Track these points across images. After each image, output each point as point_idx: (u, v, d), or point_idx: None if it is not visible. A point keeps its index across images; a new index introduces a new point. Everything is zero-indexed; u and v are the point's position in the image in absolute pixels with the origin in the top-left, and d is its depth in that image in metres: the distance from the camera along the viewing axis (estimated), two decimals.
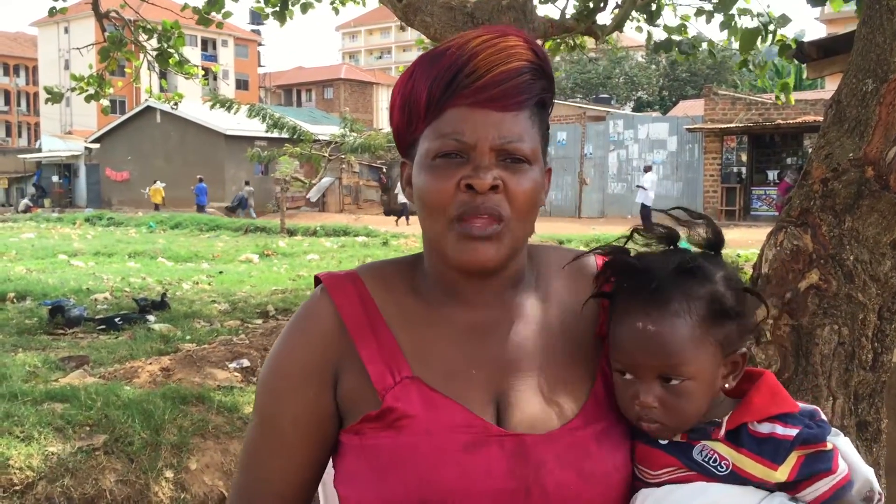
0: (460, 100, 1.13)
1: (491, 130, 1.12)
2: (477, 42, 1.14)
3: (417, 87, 1.17)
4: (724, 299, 1.14)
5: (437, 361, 1.18)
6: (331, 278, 1.26)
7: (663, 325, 1.12)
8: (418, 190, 1.16)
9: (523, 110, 1.15)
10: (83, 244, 18.25)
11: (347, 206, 35.41)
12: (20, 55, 78.59)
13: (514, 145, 1.13)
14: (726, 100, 26.31)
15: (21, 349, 6.24)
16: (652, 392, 1.13)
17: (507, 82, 1.12)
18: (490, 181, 1.11)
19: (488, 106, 1.13)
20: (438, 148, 1.14)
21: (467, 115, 1.13)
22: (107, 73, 9.13)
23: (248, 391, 4.88)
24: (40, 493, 3.55)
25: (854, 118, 2.05)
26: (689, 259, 1.16)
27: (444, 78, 1.14)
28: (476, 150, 1.12)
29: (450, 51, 1.15)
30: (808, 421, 1.13)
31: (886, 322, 2.10)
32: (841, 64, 3.86)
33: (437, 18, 5.16)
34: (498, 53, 1.13)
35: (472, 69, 1.12)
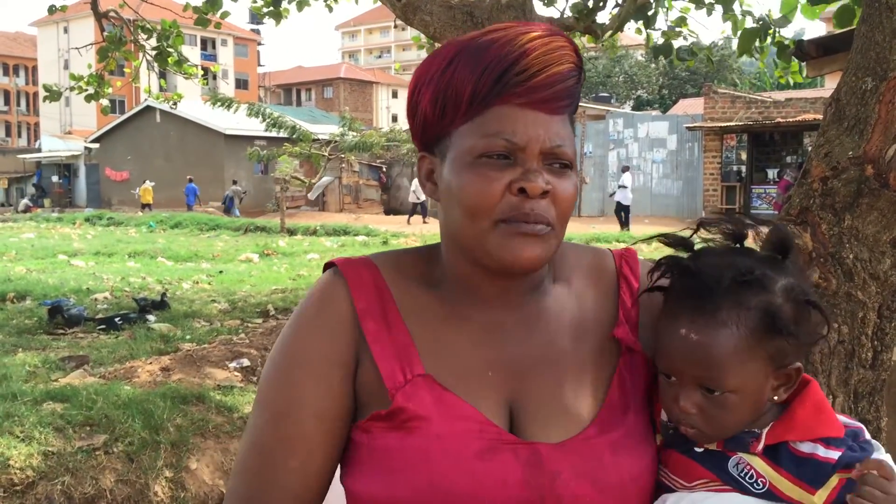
0: (510, 98, 1.08)
1: (541, 133, 1.08)
2: (527, 38, 1.08)
3: (459, 78, 1.10)
4: (780, 311, 1.06)
5: (451, 359, 1.13)
6: (346, 263, 1.20)
7: (707, 335, 1.06)
8: (457, 189, 1.10)
9: (566, 114, 1.13)
10: (83, 244, 18.25)
11: (347, 205, 35.41)
12: (20, 55, 78.58)
13: (562, 149, 1.10)
14: (726, 98, 26.30)
15: (21, 349, 6.24)
16: (691, 399, 1.08)
17: (557, 84, 1.09)
18: (543, 186, 1.07)
19: (539, 107, 1.08)
20: (485, 147, 1.08)
21: (518, 115, 1.08)
22: (106, 73, 9.12)
23: (248, 391, 4.88)
24: (40, 492, 3.55)
25: (853, 116, 2.05)
26: (749, 268, 1.07)
27: (492, 72, 1.08)
28: (526, 153, 1.08)
29: (497, 43, 1.09)
30: (852, 442, 1.08)
31: (886, 320, 2.10)
32: (841, 62, 3.86)
33: (436, 17, 5.15)
34: (551, 53, 1.08)
35: (525, 67, 1.07)
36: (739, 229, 1.14)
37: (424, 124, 1.16)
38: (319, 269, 10.94)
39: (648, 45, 7.70)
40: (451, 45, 1.14)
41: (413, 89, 1.17)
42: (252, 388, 4.97)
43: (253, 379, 5.18)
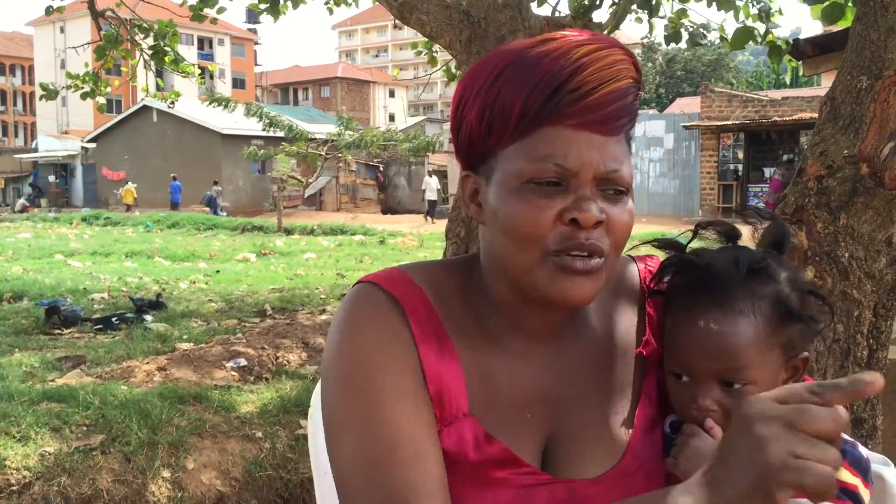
0: (562, 118, 0.99)
1: (595, 156, 0.99)
2: (582, 52, 0.99)
3: (507, 94, 1.01)
4: (790, 300, 1.07)
5: (494, 398, 1.07)
6: (390, 282, 1.09)
7: (727, 324, 1.05)
8: (504, 216, 1.01)
9: (622, 134, 1.03)
10: (80, 244, 18.23)
11: (344, 204, 35.39)
12: (16, 55, 78.45)
13: (618, 174, 1.01)
14: (723, 97, 26.33)
15: (18, 349, 6.23)
16: (710, 395, 1.06)
17: (614, 103, 0.99)
18: (597, 215, 0.98)
19: (593, 128, 0.99)
20: (534, 172, 0.99)
21: (570, 137, 0.99)
22: (102, 72, 9.12)
23: (245, 390, 4.88)
24: (37, 493, 3.54)
25: (849, 115, 2.06)
26: (759, 258, 1.09)
27: (543, 90, 0.99)
28: (578, 179, 0.99)
29: (549, 57, 1.00)
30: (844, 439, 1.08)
31: (882, 319, 2.11)
32: (837, 61, 3.87)
33: (433, 16, 5.15)
34: (608, 69, 0.99)
35: (578, 84, 0.98)
36: (732, 230, 1.14)
37: (470, 142, 1.07)
38: (316, 268, 10.93)
39: (651, 34, 7.74)
40: (500, 55, 1.05)
41: (458, 102, 1.08)
42: (249, 387, 4.96)
43: (250, 378, 5.17)
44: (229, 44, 73.23)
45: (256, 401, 4.68)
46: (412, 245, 18.09)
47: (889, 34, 2.01)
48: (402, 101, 79.65)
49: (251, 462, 4.17)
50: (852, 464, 1.03)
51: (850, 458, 1.03)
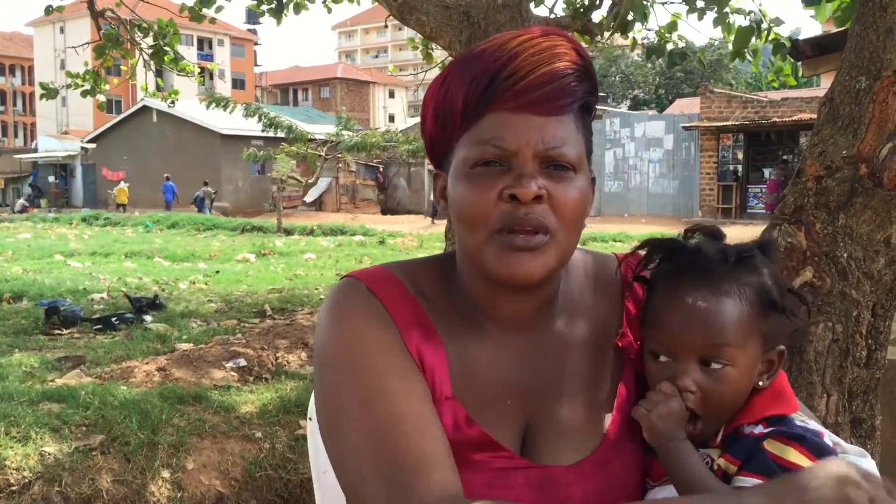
0: (500, 104, 1.04)
1: (533, 135, 1.04)
2: (517, 42, 1.05)
3: (452, 92, 1.08)
4: (773, 292, 1.10)
5: (475, 383, 1.11)
6: (371, 279, 1.13)
7: (713, 302, 1.08)
8: (455, 201, 1.07)
9: (567, 114, 1.06)
10: (80, 244, 18.23)
11: (344, 205, 35.41)
12: (16, 55, 78.44)
13: (558, 151, 1.04)
14: (722, 98, 26.34)
15: (17, 349, 6.23)
16: (691, 375, 1.08)
17: (550, 84, 1.04)
18: (535, 190, 1.02)
19: (530, 110, 1.04)
20: (477, 156, 1.05)
21: (508, 120, 1.04)
22: (102, 70, 9.12)
23: (245, 391, 4.88)
24: (37, 493, 3.55)
25: (847, 116, 2.06)
26: (746, 249, 1.12)
27: (481, 81, 1.05)
28: (518, 158, 1.04)
29: (487, 52, 1.06)
30: (801, 425, 1.09)
31: (880, 319, 2.11)
32: (836, 61, 3.87)
33: (432, 17, 5.16)
34: (540, 53, 1.04)
35: (513, 70, 1.04)
36: (717, 232, 1.16)
37: (431, 142, 1.14)
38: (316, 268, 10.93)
39: (632, 48, 7.72)
40: (452, 61, 1.13)
41: (422, 110, 1.16)
42: (249, 388, 4.96)
43: (249, 378, 5.18)
44: (229, 44, 73.24)
45: (256, 401, 4.68)
46: (412, 245, 18.09)
47: (887, 35, 2.02)
48: (402, 102, 79.68)
49: (251, 462, 4.17)
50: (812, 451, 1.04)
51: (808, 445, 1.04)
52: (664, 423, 1.06)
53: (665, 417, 1.07)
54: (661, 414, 1.07)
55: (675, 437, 1.06)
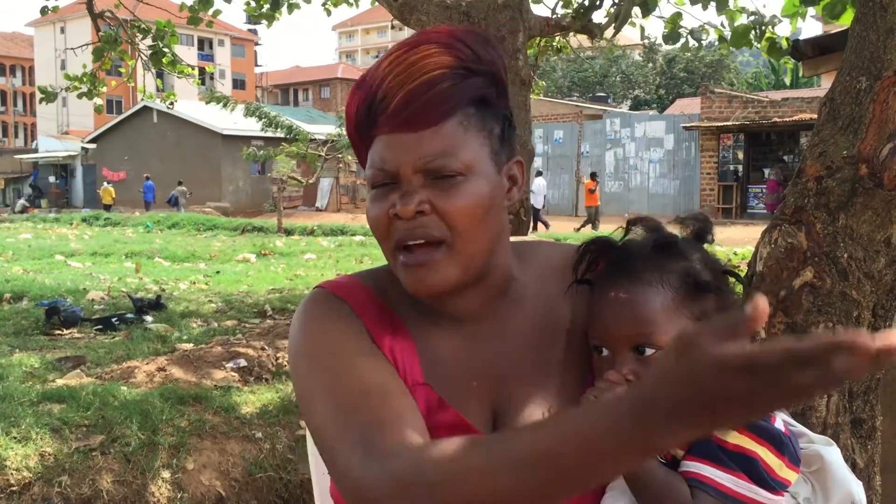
0: (380, 128, 1.10)
1: (409, 154, 1.08)
2: (388, 61, 1.10)
3: (349, 119, 1.16)
4: (699, 274, 1.13)
5: (442, 369, 1.15)
6: (337, 287, 1.21)
7: (635, 293, 1.12)
8: (367, 217, 1.15)
9: (448, 120, 1.08)
10: (80, 244, 18.23)
11: (345, 205, 35.41)
12: (16, 55, 78.47)
13: (437, 163, 1.08)
14: (723, 98, 26.34)
15: (18, 349, 6.23)
16: (627, 364, 1.11)
17: (420, 98, 1.07)
18: (413, 207, 1.07)
19: (403, 129, 1.08)
20: (371, 178, 1.13)
21: (387, 143, 1.10)
22: (101, 72, 9.11)
23: (246, 391, 4.88)
24: (37, 493, 3.55)
25: (848, 116, 2.06)
26: (667, 237, 1.16)
27: (362, 108, 1.12)
28: (401, 177, 1.09)
29: (367, 76, 1.13)
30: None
31: (881, 319, 2.11)
32: (836, 62, 3.87)
33: (433, 17, 5.15)
34: (404, 71, 1.08)
35: (384, 94, 1.09)
36: (659, 225, 1.20)
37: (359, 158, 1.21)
38: (316, 269, 10.94)
39: (643, 37, 7.73)
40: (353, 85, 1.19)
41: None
42: (249, 388, 4.97)
43: (250, 379, 5.18)
44: (229, 44, 73.25)
45: (256, 401, 4.68)
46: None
47: (888, 35, 2.02)
48: None
49: (251, 463, 4.17)
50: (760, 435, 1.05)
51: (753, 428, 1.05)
52: None
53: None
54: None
55: None
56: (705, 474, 1.05)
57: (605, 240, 1.20)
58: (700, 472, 1.05)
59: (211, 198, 35.73)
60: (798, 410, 1.98)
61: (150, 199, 34.36)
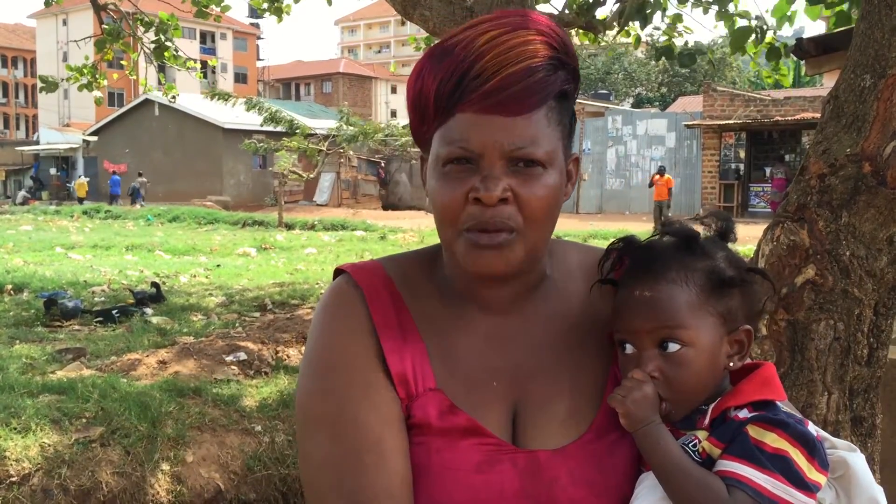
0: (468, 105, 1.06)
1: (499, 137, 1.05)
2: (484, 39, 1.06)
3: (426, 87, 1.10)
4: (723, 272, 1.14)
5: (459, 371, 1.13)
6: (358, 271, 1.18)
7: (660, 290, 1.12)
8: (431, 196, 1.12)
9: (538, 110, 1.07)
10: (81, 237, 18.24)
11: (346, 200, 35.40)
12: (18, 47, 78.40)
13: (525, 151, 1.06)
14: (725, 96, 26.31)
15: (18, 341, 6.24)
16: (652, 363, 1.11)
17: (516, 85, 1.05)
18: (498, 194, 1.05)
19: (496, 111, 1.05)
20: (447, 155, 1.08)
21: (474, 122, 1.06)
22: (102, 64, 9.11)
23: (245, 384, 4.88)
24: (37, 484, 3.55)
25: (852, 114, 2.05)
26: (692, 235, 1.16)
27: (450, 80, 1.07)
28: (485, 159, 1.06)
29: (457, 48, 1.07)
30: (786, 412, 1.10)
31: (882, 317, 2.11)
32: (840, 60, 3.87)
33: (436, 12, 5.14)
34: (507, 53, 1.05)
35: (479, 71, 1.05)
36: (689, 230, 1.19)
37: (413, 129, 1.18)
38: (317, 263, 10.92)
39: (635, 45, 7.69)
40: (426, 52, 1.14)
41: (406, 97, 1.19)
42: (249, 381, 4.97)
43: (250, 372, 5.18)
44: (231, 38, 73.18)
45: (256, 395, 4.69)
46: (413, 241, 18.09)
47: (893, 33, 2.01)
48: (405, 98, 79.55)
49: (250, 456, 4.17)
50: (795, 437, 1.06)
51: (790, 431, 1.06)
52: (638, 407, 1.09)
53: (639, 402, 1.09)
54: (635, 399, 1.09)
55: (650, 421, 1.09)
56: (743, 474, 1.05)
57: (630, 239, 1.20)
58: (738, 472, 1.05)
59: (212, 191, 35.73)
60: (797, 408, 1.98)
61: (116, 192, 36.10)
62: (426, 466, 1.08)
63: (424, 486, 1.07)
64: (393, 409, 1.10)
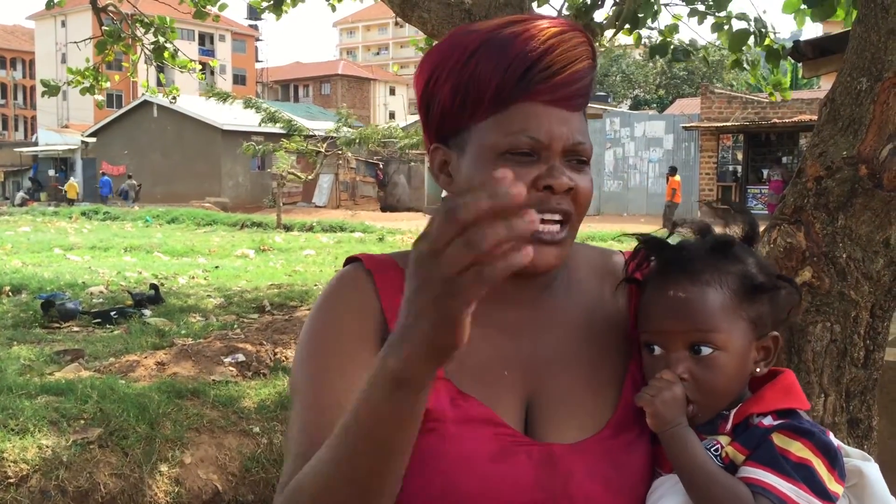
0: (534, 95, 1.07)
1: (564, 130, 1.08)
2: (549, 34, 1.08)
3: (482, 72, 1.08)
4: (755, 277, 1.14)
5: (469, 360, 1.12)
6: (371, 260, 1.19)
7: (694, 292, 1.12)
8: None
9: (583, 110, 1.13)
10: (79, 238, 18.22)
11: (344, 202, 35.39)
12: (17, 48, 78.35)
13: (583, 146, 1.10)
14: (723, 98, 26.33)
15: (16, 342, 6.24)
16: (682, 363, 1.11)
17: (579, 82, 1.09)
18: (568, 182, 1.08)
19: (561, 105, 1.08)
20: (509, 144, 1.07)
21: (541, 113, 1.07)
22: (103, 67, 9.11)
23: (244, 386, 4.88)
24: (35, 485, 3.55)
25: (848, 117, 2.06)
26: (727, 240, 1.16)
27: (517, 68, 1.07)
28: (550, 150, 1.08)
29: (520, 38, 1.08)
30: (810, 421, 1.10)
31: (878, 320, 2.11)
32: (836, 63, 3.88)
33: (434, 14, 5.15)
34: (573, 50, 1.08)
35: (549, 64, 1.07)
36: (707, 228, 1.20)
37: (442, 116, 1.14)
38: (315, 265, 10.90)
39: (637, 44, 7.68)
40: (470, 35, 1.13)
41: (428, 79, 1.15)
42: (247, 383, 4.97)
43: (248, 374, 5.18)
44: (230, 40, 73.17)
45: (254, 396, 4.69)
46: (411, 243, 18.09)
47: (889, 36, 2.02)
48: (403, 99, 79.64)
49: (248, 457, 4.18)
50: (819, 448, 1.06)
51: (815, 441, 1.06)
52: (667, 408, 1.09)
53: (668, 403, 1.09)
54: (665, 400, 1.09)
55: (677, 422, 1.09)
56: (768, 482, 1.05)
57: (659, 240, 1.20)
58: (763, 480, 1.05)
59: (210, 193, 35.71)
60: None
61: (106, 193, 36.65)
62: (440, 454, 1.07)
63: (439, 474, 1.06)
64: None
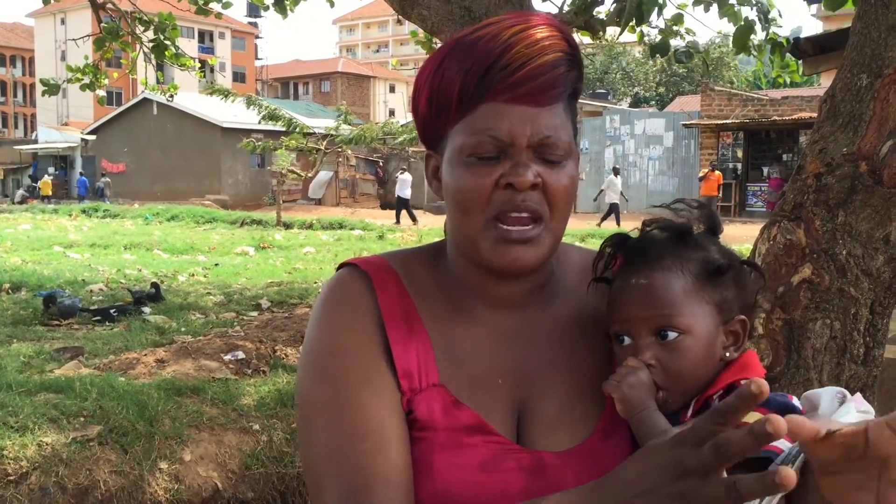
0: (495, 95, 1.07)
1: (528, 127, 1.07)
2: (510, 32, 1.08)
3: (447, 79, 1.10)
4: (717, 261, 1.15)
5: (463, 367, 1.12)
6: (367, 264, 1.17)
7: (656, 278, 1.13)
8: (452, 188, 1.10)
9: (558, 103, 1.10)
10: (79, 236, 18.22)
11: (344, 199, 35.38)
12: (17, 46, 78.30)
13: (551, 140, 1.08)
14: (723, 96, 26.33)
15: (16, 340, 6.24)
16: (649, 350, 1.12)
17: (543, 75, 1.07)
18: (531, 179, 1.06)
19: (524, 101, 1.07)
20: (474, 145, 1.08)
21: (503, 111, 1.07)
22: (102, 64, 9.10)
23: (243, 383, 4.88)
24: (34, 483, 3.55)
25: (848, 113, 2.06)
26: (687, 229, 1.17)
27: (476, 71, 1.07)
28: (513, 148, 1.07)
29: (482, 41, 1.09)
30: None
31: (878, 317, 2.11)
32: (836, 60, 3.87)
33: (434, 12, 5.14)
34: (533, 45, 1.07)
35: (507, 62, 1.06)
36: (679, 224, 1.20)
37: (424, 125, 1.16)
38: (315, 262, 10.93)
39: (639, 41, 7.66)
40: (445, 44, 1.15)
41: (413, 91, 1.18)
42: (247, 380, 4.97)
43: (247, 371, 5.18)
44: (230, 37, 73.12)
45: (254, 394, 4.69)
46: (411, 240, 18.09)
47: (889, 32, 2.02)
48: (403, 97, 79.60)
49: (248, 455, 4.18)
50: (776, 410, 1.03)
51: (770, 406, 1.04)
52: (634, 392, 1.10)
53: (635, 387, 1.10)
54: (631, 384, 1.10)
55: (645, 406, 1.09)
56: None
57: (621, 236, 1.21)
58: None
59: (210, 190, 35.70)
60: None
61: (82, 192, 37.91)
62: (429, 462, 1.07)
63: (429, 482, 1.06)
64: (394, 399, 1.09)
